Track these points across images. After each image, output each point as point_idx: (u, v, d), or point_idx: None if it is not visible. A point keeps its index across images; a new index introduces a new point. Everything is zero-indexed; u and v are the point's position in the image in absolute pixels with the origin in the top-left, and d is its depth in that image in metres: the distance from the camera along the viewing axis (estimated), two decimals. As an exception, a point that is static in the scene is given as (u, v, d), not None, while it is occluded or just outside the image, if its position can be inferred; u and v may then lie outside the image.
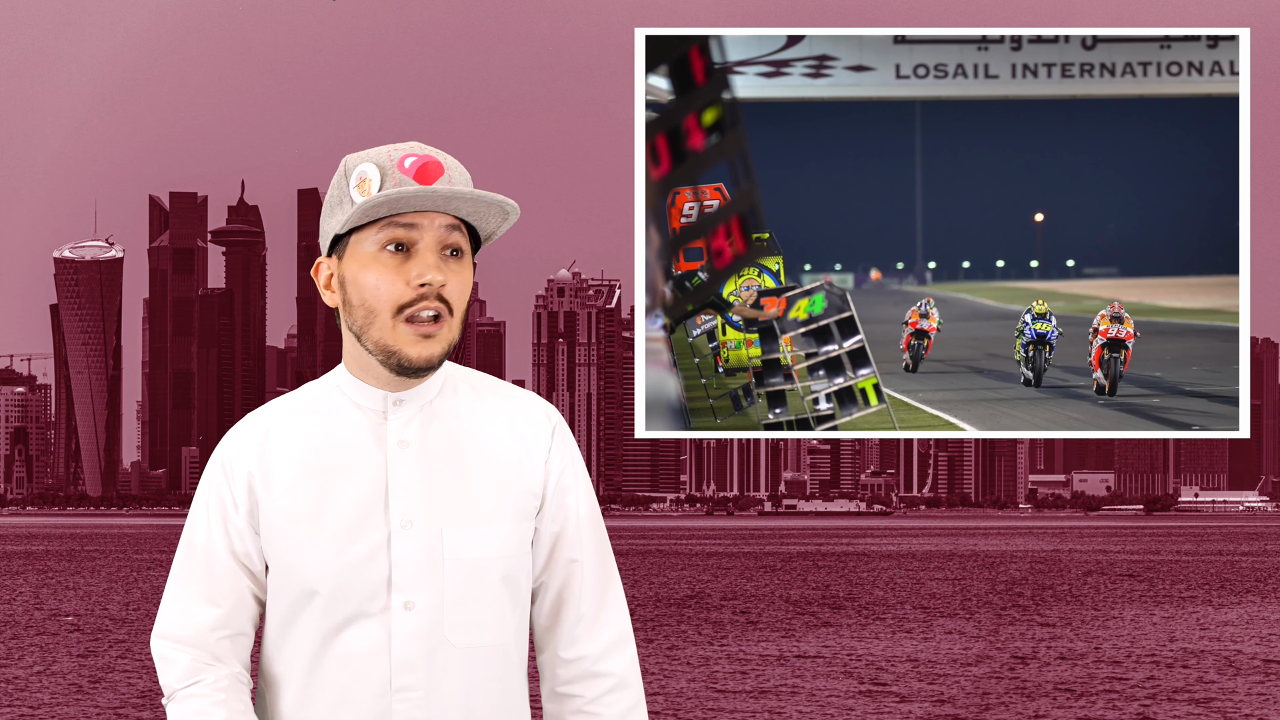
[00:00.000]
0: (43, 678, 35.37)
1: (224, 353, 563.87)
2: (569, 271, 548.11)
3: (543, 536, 3.45)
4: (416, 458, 3.37)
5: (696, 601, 61.86)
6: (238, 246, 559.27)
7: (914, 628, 49.23)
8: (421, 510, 3.34)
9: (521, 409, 3.47)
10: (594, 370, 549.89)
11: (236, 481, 3.39)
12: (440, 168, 3.31)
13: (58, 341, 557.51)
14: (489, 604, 3.36)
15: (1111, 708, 30.47)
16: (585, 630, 3.46)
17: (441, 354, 3.34)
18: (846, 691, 32.75)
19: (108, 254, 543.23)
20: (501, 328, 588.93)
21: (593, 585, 3.47)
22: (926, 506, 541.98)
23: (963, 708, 30.14)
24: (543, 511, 3.44)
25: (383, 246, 3.31)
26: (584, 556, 3.47)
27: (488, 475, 3.39)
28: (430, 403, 3.42)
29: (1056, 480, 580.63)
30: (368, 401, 3.41)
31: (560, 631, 3.46)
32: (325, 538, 3.33)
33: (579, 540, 3.46)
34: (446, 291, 3.32)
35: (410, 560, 3.33)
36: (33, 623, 50.99)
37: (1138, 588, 73.09)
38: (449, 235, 3.33)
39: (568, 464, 3.47)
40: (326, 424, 3.41)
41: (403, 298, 3.31)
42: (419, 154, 3.33)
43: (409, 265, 3.31)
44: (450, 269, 3.33)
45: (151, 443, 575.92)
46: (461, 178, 3.35)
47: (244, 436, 3.41)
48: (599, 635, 3.46)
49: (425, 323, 3.32)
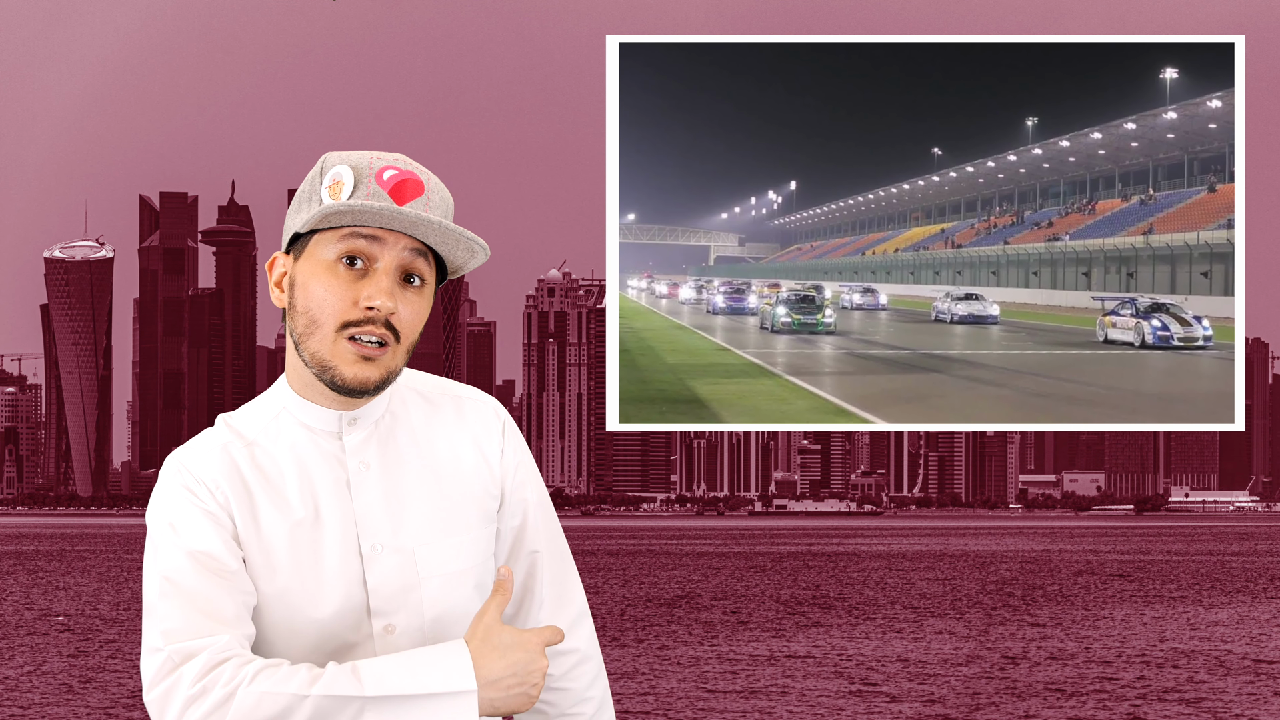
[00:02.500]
0: (33, 678, 35.33)
1: (214, 353, 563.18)
2: (559, 271, 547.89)
3: (503, 532, 3.40)
4: (379, 479, 3.25)
5: (687, 601, 61.85)
6: (228, 246, 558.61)
7: (904, 628, 49.24)
8: (391, 533, 3.24)
9: (472, 412, 3.37)
10: (584, 370, 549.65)
11: (214, 496, 3.18)
12: (419, 188, 3.16)
13: (48, 341, 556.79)
14: (464, 613, 3.30)
15: (1102, 708, 30.50)
16: (549, 614, 3.44)
17: (379, 380, 3.16)
18: (837, 691, 32.76)
19: (98, 254, 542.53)
20: (492, 328, 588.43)
21: (552, 571, 3.45)
22: (917, 506, 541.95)
23: (953, 708, 30.16)
24: (502, 509, 3.39)
25: (340, 257, 3.14)
26: (542, 546, 3.44)
27: (451, 488, 3.31)
28: (382, 418, 3.29)
29: (1047, 480, 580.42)
30: (319, 423, 3.26)
31: (527, 619, 3.44)
32: (301, 572, 3.18)
33: (537, 531, 3.43)
34: (397, 319, 3.14)
35: (386, 584, 3.22)
36: (23, 623, 50.92)
37: (1128, 588, 73.13)
38: (412, 260, 3.16)
39: (520, 459, 3.40)
40: (280, 450, 3.24)
41: (348, 316, 3.13)
42: (401, 169, 3.16)
43: (362, 284, 3.13)
44: (406, 296, 3.16)
45: (142, 443, 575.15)
46: (441, 202, 3.18)
47: (204, 456, 3.23)
48: (561, 615, 3.45)
49: (368, 345, 3.14)
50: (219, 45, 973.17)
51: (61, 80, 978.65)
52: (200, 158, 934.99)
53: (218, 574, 3.14)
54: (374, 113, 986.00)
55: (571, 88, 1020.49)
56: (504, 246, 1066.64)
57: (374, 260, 3.14)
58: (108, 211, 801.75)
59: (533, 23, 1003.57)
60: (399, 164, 3.17)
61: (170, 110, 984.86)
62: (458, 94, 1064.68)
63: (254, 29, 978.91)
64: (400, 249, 3.14)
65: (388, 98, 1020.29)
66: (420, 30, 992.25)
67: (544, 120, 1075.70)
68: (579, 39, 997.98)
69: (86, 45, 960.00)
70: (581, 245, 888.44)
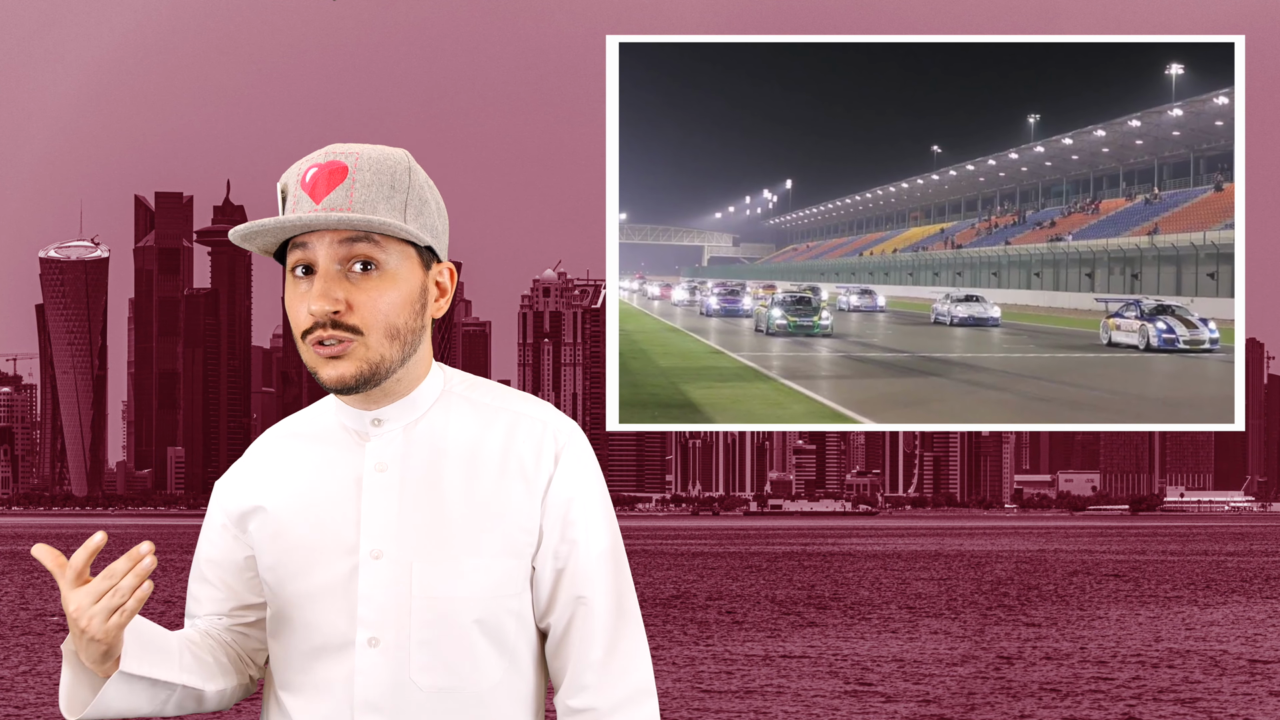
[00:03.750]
0: (28, 678, 35.31)
1: (209, 353, 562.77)
2: (554, 271, 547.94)
3: (543, 573, 3.12)
4: (393, 483, 3.12)
5: (682, 602, 61.83)
6: (223, 246, 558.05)
7: (899, 628, 49.23)
8: (392, 541, 3.10)
9: (525, 432, 3.14)
10: (579, 370, 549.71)
11: (230, 519, 3.26)
12: (340, 174, 3.05)
13: (43, 341, 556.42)
14: (461, 647, 3.08)
15: (1097, 708, 30.49)
16: (595, 678, 3.11)
17: (357, 375, 3.06)
18: (832, 691, 32.75)
19: (93, 254, 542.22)
20: (487, 328, 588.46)
21: (605, 628, 3.13)
22: (912, 506, 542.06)
23: (948, 708, 30.15)
24: (542, 548, 3.12)
25: (293, 269, 3.08)
26: (594, 595, 3.13)
27: (470, 508, 3.11)
28: (415, 423, 3.16)
29: (1042, 480, 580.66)
30: (350, 421, 3.17)
31: (567, 677, 3.13)
32: (294, 562, 3.15)
33: (589, 577, 3.13)
34: (348, 315, 3.05)
35: (376, 594, 3.09)
36: (18, 623, 50.90)
37: (1123, 588, 73.13)
38: (350, 250, 3.05)
39: (575, 494, 3.13)
40: (315, 446, 3.21)
41: (304, 325, 3.07)
42: (321, 163, 3.06)
43: (311, 290, 3.07)
44: (358, 285, 3.05)
45: (137, 443, 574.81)
46: (372, 178, 3.06)
47: (239, 475, 3.28)
48: (612, 686, 3.12)
49: (328, 346, 3.05)
50: (214, 44, 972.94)
51: (56, 80, 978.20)
52: (195, 157, 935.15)
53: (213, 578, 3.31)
54: (370, 112, 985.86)
55: (567, 87, 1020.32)
56: (499, 246, 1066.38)
57: (314, 263, 3.07)
58: (103, 211, 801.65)
59: (529, 23, 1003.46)
60: (320, 159, 3.08)
61: (165, 110, 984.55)
62: (452, 94, 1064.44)
63: (250, 28, 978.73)
64: (328, 244, 3.05)
65: (384, 97, 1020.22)
66: (416, 30, 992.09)
67: (539, 120, 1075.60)
68: (576, 39, 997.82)
69: (81, 45, 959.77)
70: (577, 245, 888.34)
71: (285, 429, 3.28)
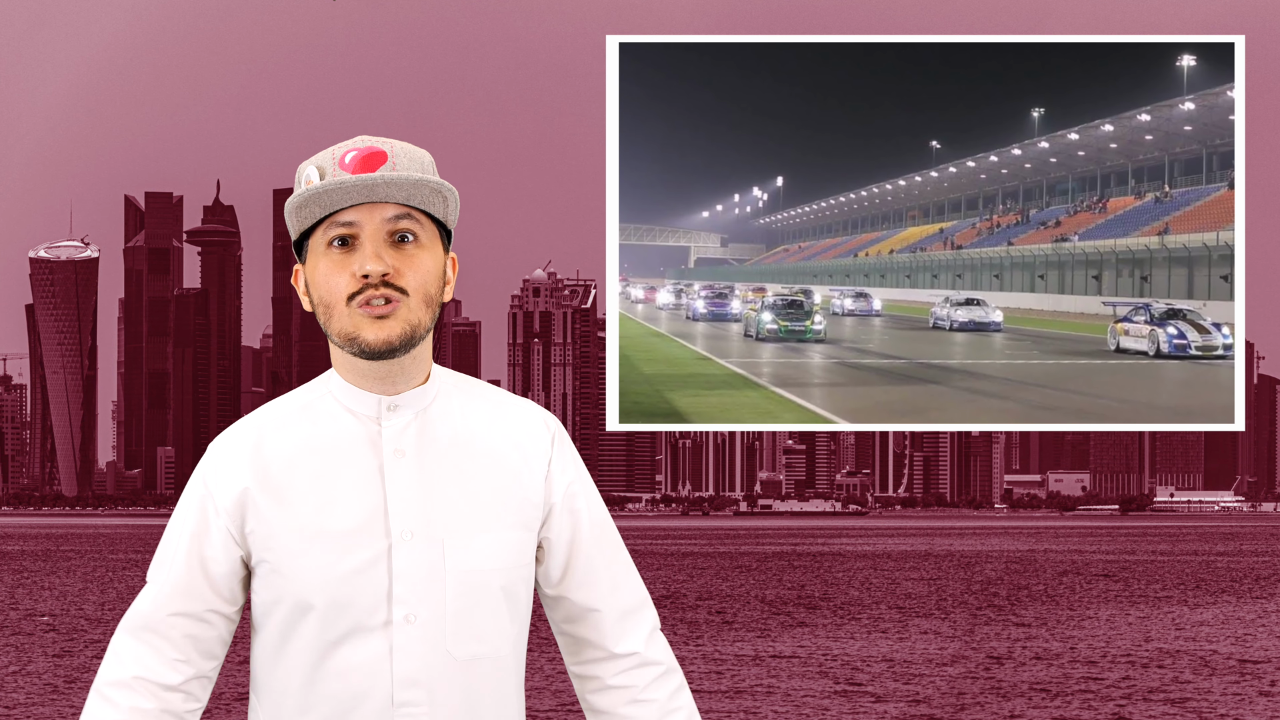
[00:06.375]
0: (18, 677, 35.29)
1: (199, 353, 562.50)
2: (544, 271, 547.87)
3: (556, 546, 3.45)
4: (414, 466, 3.34)
5: (672, 602, 61.85)
6: (213, 246, 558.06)
7: (889, 628, 49.27)
8: (422, 521, 3.31)
9: (518, 417, 3.45)
10: (569, 370, 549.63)
11: (221, 497, 3.34)
12: (381, 157, 3.29)
13: (33, 341, 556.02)
14: (489, 615, 3.34)
15: (1087, 708, 30.52)
16: (632, 626, 3.47)
17: (401, 335, 3.29)
18: (822, 691, 32.77)
19: (83, 254, 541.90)
20: (477, 328, 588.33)
21: (624, 587, 3.49)
22: (902, 506, 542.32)
23: (938, 708, 30.17)
24: (550, 522, 3.44)
25: (329, 244, 3.29)
26: (603, 559, 3.48)
27: (486, 484, 3.37)
28: (425, 409, 3.39)
29: (1032, 480, 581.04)
30: (361, 407, 3.37)
31: (604, 633, 3.47)
32: (323, 548, 3.29)
33: (597, 545, 3.48)
34: (398, 276, 3.28)
35: (411, 572, 3.30)
36: (8, 623, 50.87)
37: (1113, 588, 73.22)
38: (395, 223, 3.29)
39: (574, 475, 3.47)
40: (320, 430, 3.37)
41: (350, 289, 3.27)
42: (360, 148, 3.30)
43: (353, 258, 3.28)
44: (402, 254, 3.29)
45: (127, 443, 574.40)
46: (410, 162, 3.31)
47: (231, 449, 3.37)
48: (638, 629, 3.48)
49: (377, 305, 3.27)
50: (204, 45, 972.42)
51: (46, 80, 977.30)
52: (185, 158, 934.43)
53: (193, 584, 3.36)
54: (360, 111, 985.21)
55: (560, 87, 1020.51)
56: (489, 246, 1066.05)
57: (356, 236, 3.28)
58: (93, 211, 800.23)
59: (525, 23, 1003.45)
60: (359, 145, 3.31)
61: (155, 110, 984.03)
62: (445, 94, 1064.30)
63: (241, 28, 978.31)
64: (377, 218, 3.29)
65: (374, 95, 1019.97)
66: (407, 29, 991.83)
67: (529, 121, 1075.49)
68: (573, 39, 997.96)
69: (71, 45, 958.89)
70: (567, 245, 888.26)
71: (279, 411, 3.41)
